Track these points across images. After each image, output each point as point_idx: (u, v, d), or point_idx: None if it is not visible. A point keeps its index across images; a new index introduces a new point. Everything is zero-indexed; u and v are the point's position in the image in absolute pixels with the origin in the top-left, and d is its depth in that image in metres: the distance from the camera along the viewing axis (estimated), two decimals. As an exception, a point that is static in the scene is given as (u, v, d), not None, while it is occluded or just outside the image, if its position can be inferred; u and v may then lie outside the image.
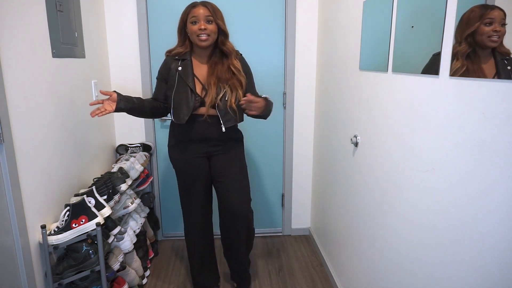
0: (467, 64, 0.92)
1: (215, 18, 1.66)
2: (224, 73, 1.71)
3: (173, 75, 1.73)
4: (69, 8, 1.76)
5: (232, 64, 1.72)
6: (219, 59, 1.74)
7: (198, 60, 1.76)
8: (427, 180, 1.12)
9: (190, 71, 1.72)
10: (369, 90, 1.56)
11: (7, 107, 1.27)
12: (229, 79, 1.71)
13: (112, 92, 1.61)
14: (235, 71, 1.72)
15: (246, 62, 1.84)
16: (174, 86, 1.72)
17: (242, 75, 1.74)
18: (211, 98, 1.69)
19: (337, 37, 2.04)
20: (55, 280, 1.47)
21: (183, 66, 1.72)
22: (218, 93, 1.69)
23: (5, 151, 1.26)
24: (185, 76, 1.71)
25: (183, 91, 1.71)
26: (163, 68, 1.79)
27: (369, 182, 1.59)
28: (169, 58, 1.78)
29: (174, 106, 1.73)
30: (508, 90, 0.79)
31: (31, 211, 1.41)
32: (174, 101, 1.72)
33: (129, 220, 2.02)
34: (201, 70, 1.75)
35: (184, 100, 1.70)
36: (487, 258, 0.88)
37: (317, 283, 2.19)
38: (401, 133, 1.28)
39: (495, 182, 0.84)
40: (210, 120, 1.73)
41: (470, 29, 0.90)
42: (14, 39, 1.33)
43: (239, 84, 1.73)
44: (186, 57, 1.74)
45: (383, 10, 1.38)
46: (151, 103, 1.79)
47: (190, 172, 1.85)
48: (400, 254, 1.32)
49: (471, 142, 0.92)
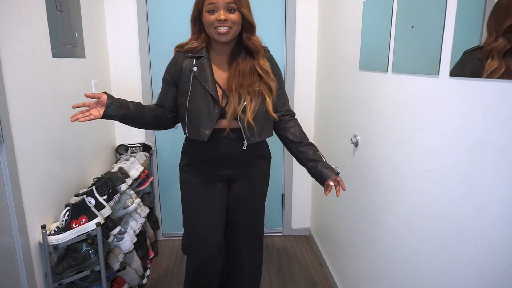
0: (508, 64, 0.73)
1: (238, 5, 1.30)
2: (248, 75, 1.37)
3: (187, 76, 1.37)
4: (69, 8, 1.76)
5: (259, 64, 1.38)
6: (242, 58, 1.39)
7: (216, 59, 1.41)
8: (427, 180, 1.12)
9: (209, 73, 1.36)
10: (369, 90, 1.56)
11: (7, 107, 1.27)
12: (255, 83, 1.37)
13: (101, 94, 1.28)
14: (263, 73, 1.38)
15: (275, 61, 1.50)
16: (188, 92, 1.37)
17: (271, 78, 1.40)
18: (233, 107, 1.34)
19: (337, 37, 2.04)
20: (55, 280, 1.47)
21: (199, 65, 1.36)
22: (241, 102, 1.35)
23: (5, 151, 1.26)
24: (203, 79, 1.35)
25: (201, 98, 1.35)
26: (172, 66, 1.43)
27: (369, 182, 1.59)
28: (180, 55, 1.41)
29: (190, 118, 1.38)
30: (508, 90, 0.79)
31: (31, 211, 1.41)
32: (190, 111, 1.37)
33: (129, 220, 2.02)
34: (220, 71, 1.40)
35: (204, 111, 1.35)
36: (487, 258, 0.88)
37: (317, 283, 2.19)
38: (401, 133, 1.28)
39: (495, 182, 0.84)
40: (233, 135, 1.38)
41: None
42: (14, 39, 1.33)
43: (268, 89, 1.39)
44: (202, 54, 1.38)
45: (383, 10, 1.38)
46: (153, 111, 1.44)
47: (205, 201, 1.49)
48: (400, 254, 1.32)
49: (471, 142, 0.92)
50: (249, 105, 1.35)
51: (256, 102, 1.36)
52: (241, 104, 1.34)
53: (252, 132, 1.37)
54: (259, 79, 1.38)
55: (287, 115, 1.52)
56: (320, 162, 1.42)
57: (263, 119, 1.40)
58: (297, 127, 1.51)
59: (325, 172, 1.38)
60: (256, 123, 1.36)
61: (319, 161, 1.42)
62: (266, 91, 1.38)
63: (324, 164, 1.41)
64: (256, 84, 1.37)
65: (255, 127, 1.36)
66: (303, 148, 1.46)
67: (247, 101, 1.35)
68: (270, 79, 1.40)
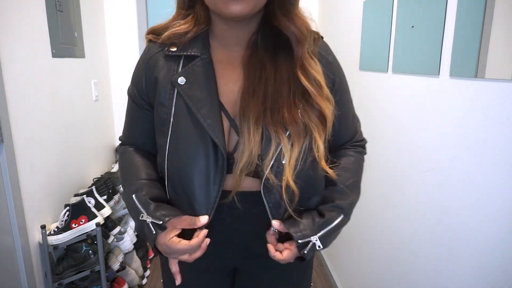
0: None
1: None
2: (286, 92, 0.70)
3: (166, 94, 0.72)
4: (69, 8, 1.76)
5: (304, 68, 0.70)
6: (272, 54, 0.72)
7: (223, 56, 0.74)
8: (427, 180, 1.12)
9: (210, 87, 0.71)
10: (369, 90, 1.56)
11: (7, 107, 1.27)
12: (297, 107, 0.69)
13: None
14: (311, 85, 0.69)
15: (333, 56, 0.79)
16: (168, 126, 0.72)
17: (324, 95, 0.70)
18: (250, 154, 0.68)
19: (337, 37, 2.04)
20: (55, 280, 1.47)
21: (189, 74, 0.70)
22: (271, 146, 0.69)
23: (5, 151, 1.26)
24: (195, 103, 0.69)
25: (192, 140, 0.70)
26: (140, 73, 0.76)
27: (369, 182, 1.58)
28: (155, 49, 0.74)
29: (173, 181, 0.75)
30: (508, 90, 0.79)
31: (31, 211, 1.41)
32: (172, 168, 0.74)
33: (129, 220, 2.02)
34: (228, 80, 0.73)
35: (196, 170, 0.70)
36: (487, 258, 0.88)
37: (317, 283, 2.19)
38: (401, 133, 1.28)
39: (495, 182, 0.84)
40: (242, 205, 0.73)
41: None
42: (14, 39, 1.33)
43: (318, 118, 0.70)
44: (196, 49, 0.72)
45: (383, 10, 1.38)
46: (149, 169, 0.79)
47: None
48: (400, 254, 1.32)
49: (471, 142, 0.92)
50: (288, 153, 0.68)
51: (300, 146, 0.69)
52: (270, 153, 0.68)
53: (292, 201, 0.71)
54: (301, 99, 0.69)
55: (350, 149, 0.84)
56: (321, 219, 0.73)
57: (311, 178, 0.73)
58: (354, 159, 0.83)
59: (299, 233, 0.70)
60: (300, 187, 0.70)
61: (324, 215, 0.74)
62: (316, 123, 0.69)
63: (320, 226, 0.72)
64: (300, 111, 0.69)
65: (297, 193, 0.70)
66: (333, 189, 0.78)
67: (283, 145, 0.68)
68: (322, 98, 0.70)
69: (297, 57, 0.70)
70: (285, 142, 0.68)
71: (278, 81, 0.70)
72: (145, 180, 0.76)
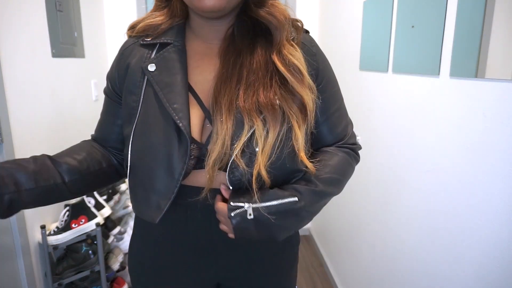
0: None
1: None
2: (262, 78, 0.66)
3: (135, 82, 0.71)
4: (68, 8, 1.76)
5: (282, 54, 0.67)
6: (249, 43, 0.70)
7: (199, 48, 0.74)
8: (427, 180, 1.12)
9: (179, 73, 0.68)
10: (369, 90, 1.56)
11: (7, 107, 1.27)
12: (274, 93, 0.66)
13: None
14: (289, 73, 0.66)
15: (317, 47, 0.77)
16: (135, 114, 0.70)
17: (305, 82, 0.67)
18: (222, 145, 0.64)
19: (337, 37, 2.04)
20: (55, 280, 1.47)
21: (160, 60, 0.69)
22: (243, 132, 0.64)
23: (5, 151, 1.26)
24: (163, 88, 0.67)
25: (157, 128, 0.67)
26: (114, 65, 0.77)
27: (369, 182, 1.58)
28: (130, 41, 0.76)
29: (135, 171, 0.72)
30: (508, 90, 0.79)
31: (30, 211, 1.41)
32: (134, 157, 0.71)
33: (129, 220, 2.02)
34: (203, 70, 0.71)
35: (159, 156, 0.67)
36: (487, 258, 0.88)
37: (317, 283, 2.19)
38: (401, 133, 1.28)
39: (495, 182, 0.84)
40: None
41: None
42: (14, 39, 1.33)
43: (298, 107, 0.67)
44: (170, 37, 0.71)
45: (383, 10, 1.38)
46: (89, 159, 0.77)
47: None
48: (400, 254, 1.32)
49: (471, 142, 0.92)
50: (261, 139, 0.64)
51: (275, 132, 0.64)
52: (242, 138, 0.64)
53: (266, 197, 0.66)
54: (280, 85, 0.66)
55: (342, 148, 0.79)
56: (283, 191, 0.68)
57: (287, 169, 0.69)
58: (338, 158, 0.77)
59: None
60: (274, 178, 0.67)
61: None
62: (295, 111, 0.66)
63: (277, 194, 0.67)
64: (277, 96, 0.65)
65: (269, 184, 0.66)
66: None
67: (257, 129, 0.64)
68: (302, 86, 0.66)
69: (275, 42, 0.68)
70: (259, 126, 0.63)
71: (254, 66, 0.67)
72: (43, 156, 0.74)
